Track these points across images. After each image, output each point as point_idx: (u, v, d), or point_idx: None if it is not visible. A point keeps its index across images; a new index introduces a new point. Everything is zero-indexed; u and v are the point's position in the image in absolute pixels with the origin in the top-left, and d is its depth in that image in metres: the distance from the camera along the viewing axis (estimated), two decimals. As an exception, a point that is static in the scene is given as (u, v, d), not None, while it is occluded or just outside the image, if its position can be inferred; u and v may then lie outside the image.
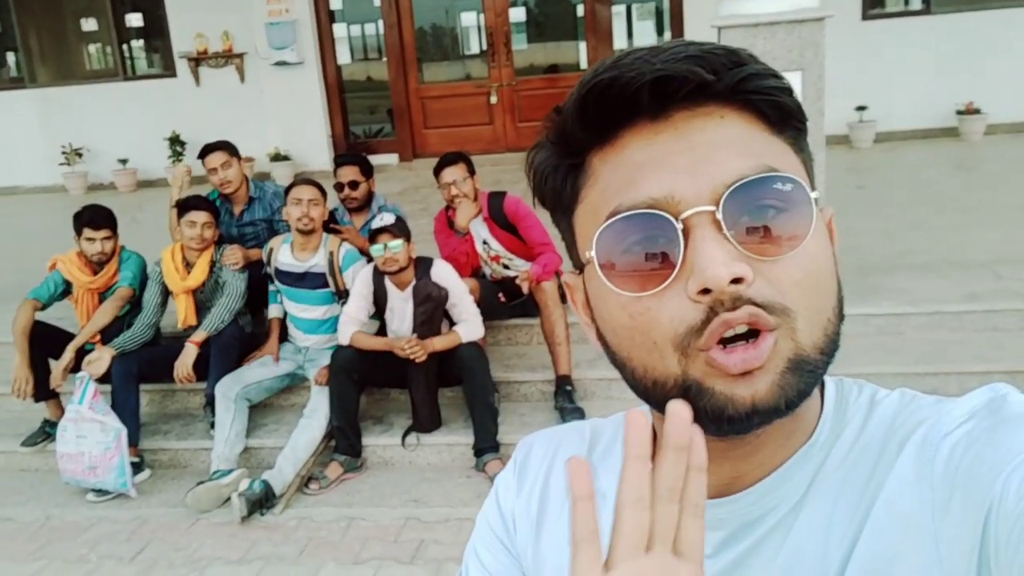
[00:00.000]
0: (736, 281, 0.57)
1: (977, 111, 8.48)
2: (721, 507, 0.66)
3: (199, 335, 4.34)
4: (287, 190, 4.38)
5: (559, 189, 0.68)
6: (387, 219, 4.05)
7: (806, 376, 0.59)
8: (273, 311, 4.54)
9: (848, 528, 0.60)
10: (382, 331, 4.29)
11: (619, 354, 0.65)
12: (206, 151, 4.82)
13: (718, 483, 0.66)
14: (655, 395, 0.63)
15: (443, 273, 4.16)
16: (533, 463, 0.83)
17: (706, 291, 0.57)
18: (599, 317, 0.66)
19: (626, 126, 0.63)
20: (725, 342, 0.59)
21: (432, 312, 4.09)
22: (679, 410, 0.52)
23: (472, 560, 0.85)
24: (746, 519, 0.65)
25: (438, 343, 4.06)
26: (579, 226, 0.68)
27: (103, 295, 4.56)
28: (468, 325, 4.12)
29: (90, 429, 4.10)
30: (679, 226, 0.59)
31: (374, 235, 4.03)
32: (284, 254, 4.40)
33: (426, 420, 4.19)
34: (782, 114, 0.63)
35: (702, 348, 0.59)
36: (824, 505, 0.63)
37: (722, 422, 0.60)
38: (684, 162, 0.60)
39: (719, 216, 0.58)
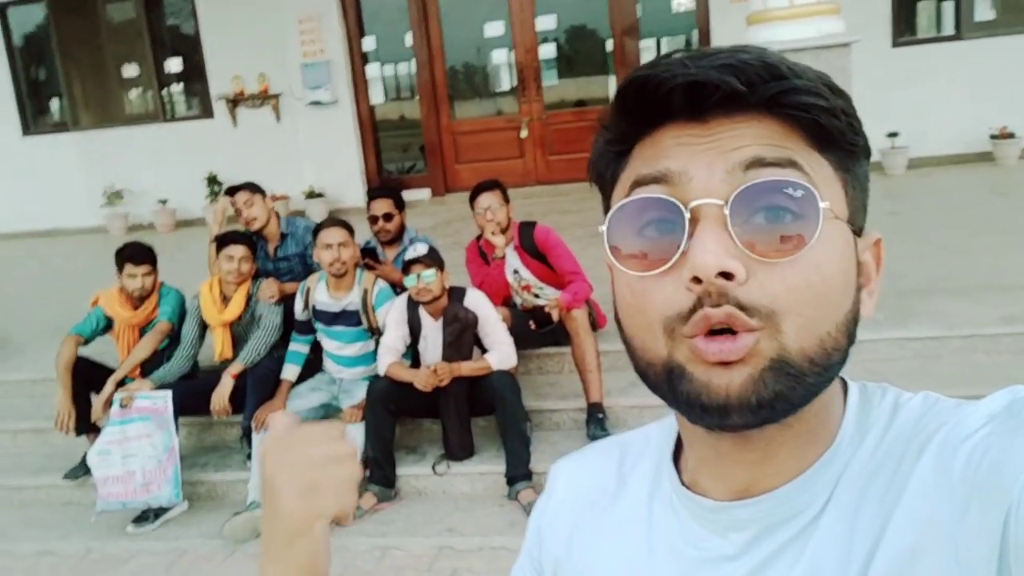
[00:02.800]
0: (727, 276, 0.58)
1: (1011, 135, 8.41)
2: (744, 508, 0.67)
3: (236, 367, 4.40)
4: (315, 231, 4.43)
5: (602, 173, 0.72)
6: (420, 249, 4.10)
7: (786, 379, 0.60)
8: (287, 372, 4.49)
9: (870, 531, 0.61)
10: (416, 364, 4.32)
11: (625, 331, 0.68)
12: (230, 192, 4.94)
13: (733, 487, 0.68)
14: (649, 375, 0.66)
15: (476, 301, 4.20)
16: (561, 485, 0.86)
17: (698, 280, 0.59)
18: (615, 293, 0.69)
19: (664, 124, 0.65)
20: (709, 332, 0.60)
21: (459, 334, 4.12)
22: None
23: (513, 573, 0.90)
24: (770, 522, 0.66)
25: (465, 368, 4.08)
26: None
27: (143, 330, 4.65)
28: (499, 353, 4.14)
29: (138, 447, 4.19)
30: (687, 214, 0.61)
31: (408, 266, 4.08)
32: (320, 293, 4.45)
33: (457, 447, 4.21)
34: (825, 133, 0.63)
35: (687, 335, 0.61)
36: (847, 508, 0.63)
37: (698, 408, 0.61)
38: (705, 146, 0.62)
39: (726, 211, 0.60)
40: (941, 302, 4.72)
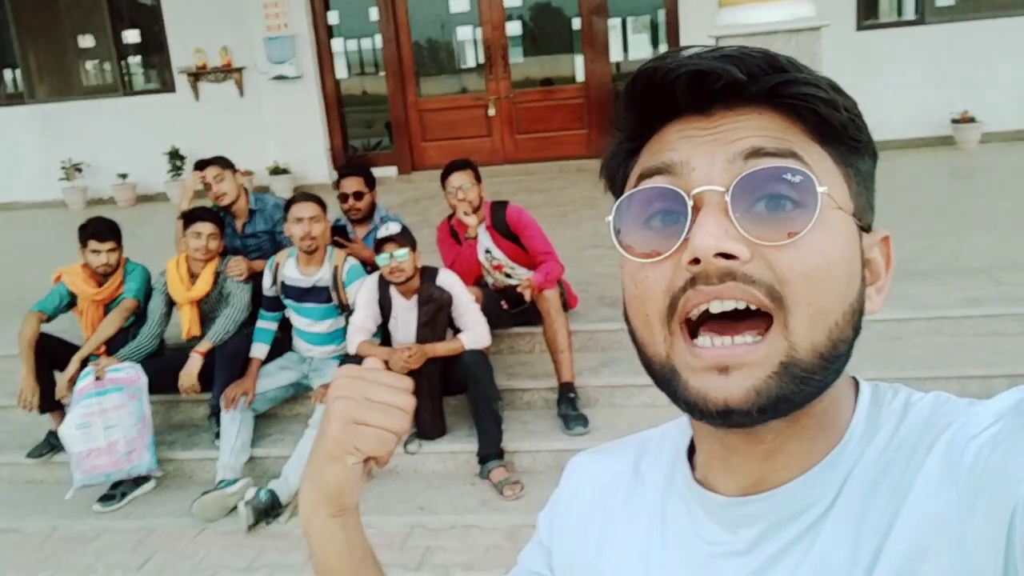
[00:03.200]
0: (728, 258, 0.60)
1: (972, 120, 8.55)
2: (754, 504, 0.68)
3: (204, 345, 4.36)
4: (287, 206, 4.38)
5: (614, 173, 0.73)
6: (392, 228, 4.08)
7: (792, 382, 0.61)
8: (256, 350, 4.44)
9: (877, 529, 0.61)
10: (386, 342, 4.30)
11: (630, 324, 0.69)
12: (200, 166, 4.87)
13: (743, 483, 0.69)
14: (651, 373, 0.67)
15: (449, 281, 4.19)
16: (577, 479, 0.88)
17: (696, 261, 0.60)
18: (623, 287, 0.70)
19: (671, 120, 0.67)
20: (699, 324, 0.62)
21: (434, 314, 4.11)
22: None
23: (520, 562, 0.92)
24: (779, 517, 0.67)
25: (440, 348, 4.08)
26: None
27: (108, 307, 4.58)
28: (473, 333, 4.14)
29: (118, 417, 4.15)
30: (689, 202, 0.62)
31: (380, 245, 4.06)
32: (290, 268, 4.41)
33: (429, 427, 4.21)
34: (826, 125, 0.64)
35: (680, 321, 0.62)
36: (855, 506, 0.64)
37: (697, 412, 0.63)
38: (707, 137, 0.64)
39: (727, 198, 0.61)
40: (905, 285, 4.79)
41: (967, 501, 0.56)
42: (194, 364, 4.32)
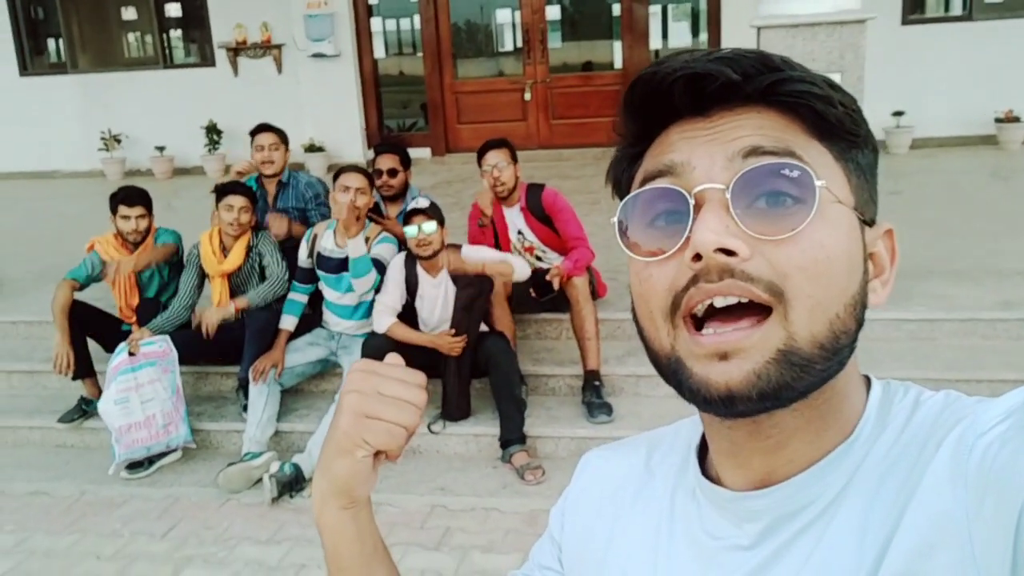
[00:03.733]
0: (728, 254, 0.60)
1: (1016, 119, 8.39)
2: (758, 499, 0.68)
3: (242, 300, 4.45)
4: (336, 175, 4.42)
5: (618, 178, 0.75)
6: (422, 202, 4.10)
7: (791, 369, 0.61)
8: (285, 322, 4.49)
9: (884, 525, 0.62)
10: (412, 321, 4.31)
11: (638, 323, 0.70)
12: (260, 129, 4.94)
13: (751, 477, 0.69)
14: (658, 368, 0.69)
15: (471, 250, 4.22)
16: (588, 475, 0.89)
17: (698, 257, 0.61)
18: (629, 285, 0.71)
19: (672, 124, 0.68)
20: (704, 319, 0.63)
21: (474, 299, 4.13)
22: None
23: (531, 556, 0.94)
24: (783, 512, 0.67)
25: (489, 259, 4.20)
26: None
27: (139, 275, 4.64)
28: (519, 262, 4.24)
29: (153, 391, 4.23)
30: (691, 200, 0.63)
31: (409, 217, 4.08)
32: (327, 240, 4.43)
33: (455, 409, 4.23)
34: (823, 121, 0.65)
35: (683, 317, 0.64)
36: (862, 502, 0.64)
37: (701, 401, 0.64)
38: (707, 138, 0.65)
39: (727, 195, 0.62)
40: (939, 284, 4.74)
41: (975, 498, 0.56)
42: (223, 311, 4.42)
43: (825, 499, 0.66)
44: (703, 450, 0.77)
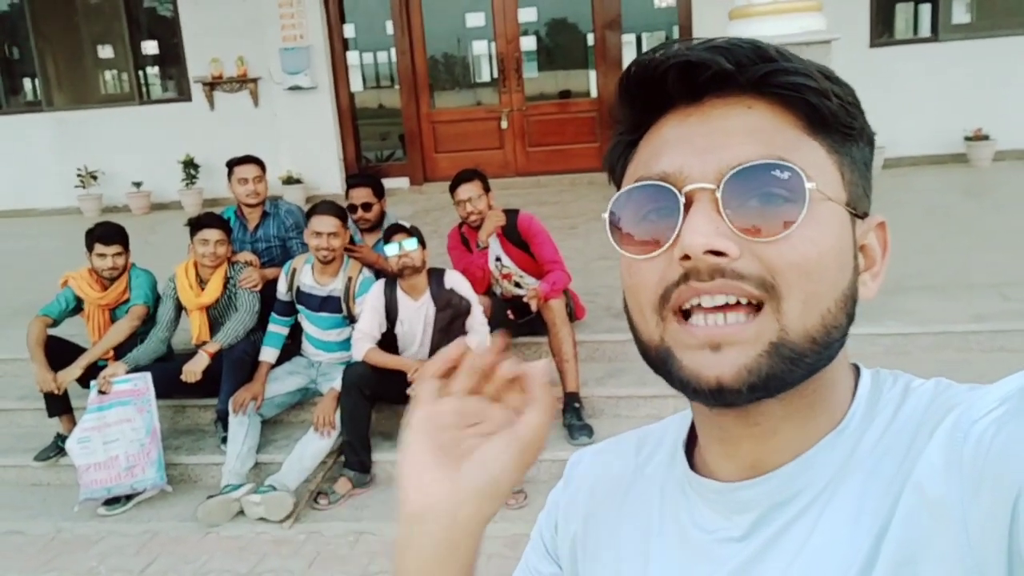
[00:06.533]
0: (717, 255, 0.61)
1: (986, 137, 8.53)
2: (749, 489, 0.68)
3: (212, 346, 4.39)
4: (308, 214, 4.41)
5: (614, 165, 0.75)
6: (402, 222, 4.13)
7: (782, 362, 0.61)
8: (266, 354, 4.47)
9: (878, 513, 0.61)
10: (391, 347, 4.30)
11: (629, 316, 0.70)
12: (242, 161, 4.91)
13: (741, 466, 0.69)
14: (648, 359, 0.68)
15: (457, 281, 4.21)
16: (580, 473, 0.88)
17: (687, 257, 0.61)
18: (620, 277, 0.71)
19: (666, 111, 0.68)
20: (691, 312, 0.63)
21: (452, 320, 4.13)
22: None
23: (522, 563, 0.92)
24: (774, 501, 0.67)
25: None
26: None
27: (114, 311, 4.62)
28: (479, 335, 4.16)
29: (120, 432, 4.17)
30: (681, 199, 0.63)
31: (389, 235, 4.10)
32: (306, 276, 4.43)
33: (435, 435, 4.20)
34: (817, 114, 0.64)
35: (672, 308, 0.64)
36: (854, 490, 0.64)
37: (691, 391, 0.64)
38: (701, 143, 0.64)
39: (718, 195, 0.62)
40: (913, 299, 4.78)
41: (970, 484, 0.56)
42: (200, 361, 4.34)
43: (816, 487, 0.65)
44: (691, 445, 0.77)
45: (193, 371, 4.31)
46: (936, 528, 0.57)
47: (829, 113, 0.64)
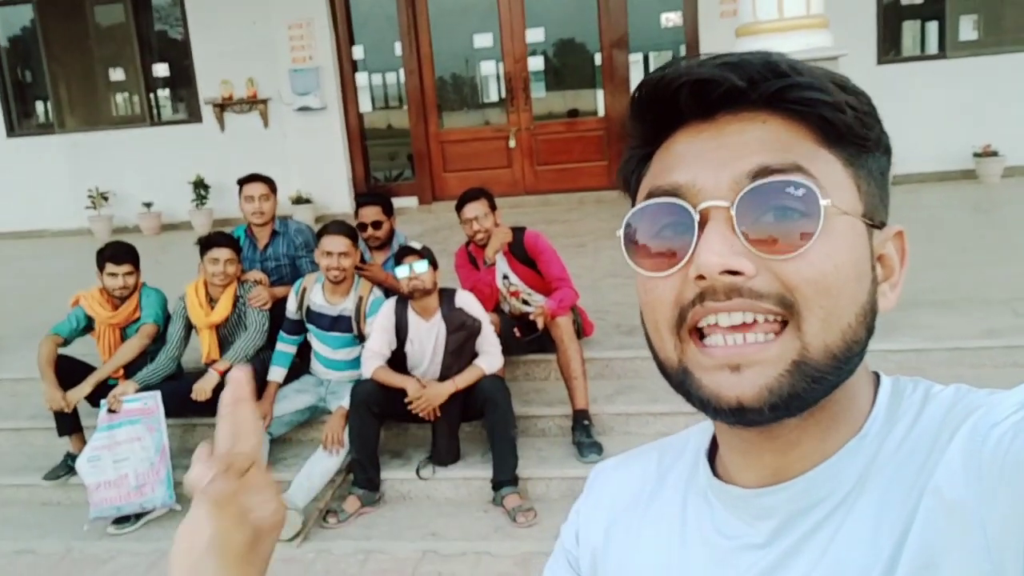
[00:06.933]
0: (734, 274, 0.60)
1: (994, 153, 8.51)
2: (772, 495, 0.68)
3: (222, 364, 4.39)
4: (319, 234, 4.42)
5: (627, 179, 0.75)
6: (413, 244, 4.13)
7: (804, 381, 0.61)
8: (274, 374, 4.47)
9: (899, 518, 0.61)
10: (401, 366, 4.30)
11: (646, 333, 0.70)
12: (249, 179, 4.91)
13: (763, 474, 0.69)
14: (666, 377, 0.68)
15: (467, 300, 4.21)
16: (600, 484, 0.88)
17: (702, 277, 0.61)
18: (637, 294, 0.71)
19: (679, 127, 0.68)
20: (707, 333, 0.63)
21: (464, 342, 4.12)
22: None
23: (545, 570, 0.92)
24: (796, 508, 0.67)
25: (461, 380, 4.08)
26: None
27: (124, 330, 4.63)
28: (489, 357, 4.15)
29: (130, 450, 4.17)
30: (696, 216, 0.63)
31: (400, 257, 4.10)
32: (316, 295, 4.44)
33: (444, 452, 4.20)
34: (832, 127, 0.64)
35: (689, 326, 0.64)
36: (875, 496, 0.64)
37: (711, 411, 0.64)
38: (714, 156, 0.64)
39: (732, 212, 0.62)
40: (925, 315, 4.76)
41: (989, 489, 0.56)
42: (211, 379, 4.34)
43: (838, 494, 0.65)
44: (713, 452, 0.77)
45: (203, 389, 4.31)
46: (955, 532, 0.57)
47: (844, 126, 0.64)
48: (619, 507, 0.83)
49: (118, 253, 4.56)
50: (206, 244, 4.53)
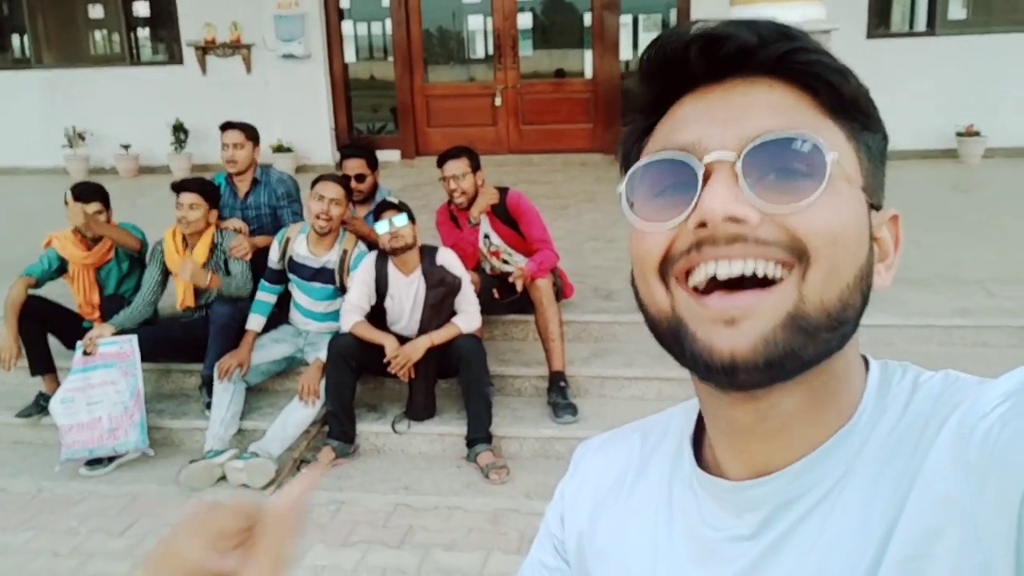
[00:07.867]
0: (737, 222, 0.60)
1: (977, 134, 8.57)
2: (759, 487, 0.67)
3: (216, 279, 4.40)
4: (314, 183, 4.38)
5: (628, 151, 0.73)
6: (391, 198, 4.12)
7: (799, 335, 0.60)
8: (252, 322, 4.43)
9: (887, 510, 0.61)
10: (380, 320, 4.30)
11: (636, 294, 0.69)
12: (226, 127, 4.85)
13: (751, 464, 0.68)
14: (658, 335, 0.67)
15: (449, 258, 4.21)
16: (585, 465, 0.88)
17: (703, 225, 0.60)
18: (629, 254, 0.70)
19: (686, 92, 0.67)
20: (707, 287, 0.62)
21: (443, 298, 4.13)
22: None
23: (529, 555, 0.92)
24: (783, 499, 0.66)
25: (437, 337, 4.09)
26: None
27: (98, 271, 4.59)
28: (467, 316, 4.16)
29: (104, 394, 4.16)
30: (700, 170, 0.62)
31: (379, 212, 4.09)
32: (300, 245, 4.41)
33: (420, 408, 4.22)
34: (838, 97, 0.64)
35: (677, 276, 0.63)
36: (864, 487, 0.63)
37: (703, 367, 0.62)
38: (721, 114, 0.63)
39: (738, 166, 0.61)
40: (898, 291, 4.80)
41: (977, 481, 0.56)
42: (203, 275, 4.35)
43: (825, 485, 0.65)
44: (697, 440, 0.77)
45: (192, 276, 4.32)
46: (944, 524, 0.57)
47: (849, 95, 0.64)
48: (603, 490, 0.83)
49: (85, 191, 4.48)
50: (176, 189, 4.47)
